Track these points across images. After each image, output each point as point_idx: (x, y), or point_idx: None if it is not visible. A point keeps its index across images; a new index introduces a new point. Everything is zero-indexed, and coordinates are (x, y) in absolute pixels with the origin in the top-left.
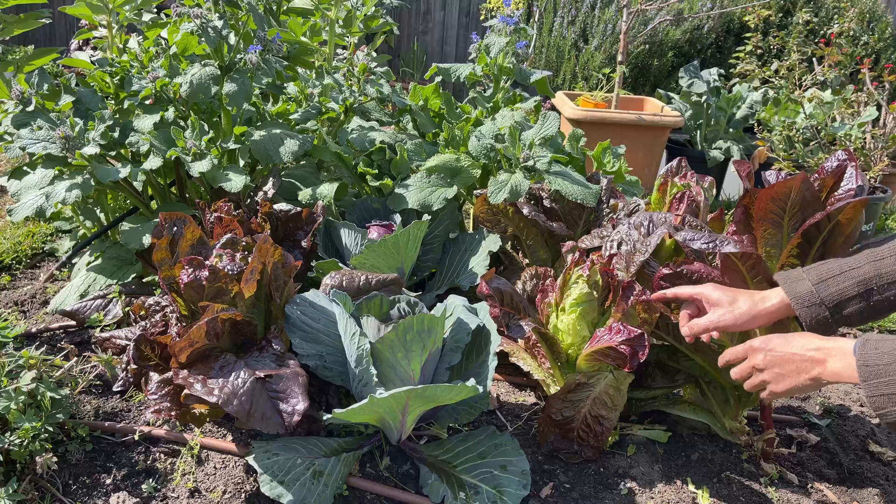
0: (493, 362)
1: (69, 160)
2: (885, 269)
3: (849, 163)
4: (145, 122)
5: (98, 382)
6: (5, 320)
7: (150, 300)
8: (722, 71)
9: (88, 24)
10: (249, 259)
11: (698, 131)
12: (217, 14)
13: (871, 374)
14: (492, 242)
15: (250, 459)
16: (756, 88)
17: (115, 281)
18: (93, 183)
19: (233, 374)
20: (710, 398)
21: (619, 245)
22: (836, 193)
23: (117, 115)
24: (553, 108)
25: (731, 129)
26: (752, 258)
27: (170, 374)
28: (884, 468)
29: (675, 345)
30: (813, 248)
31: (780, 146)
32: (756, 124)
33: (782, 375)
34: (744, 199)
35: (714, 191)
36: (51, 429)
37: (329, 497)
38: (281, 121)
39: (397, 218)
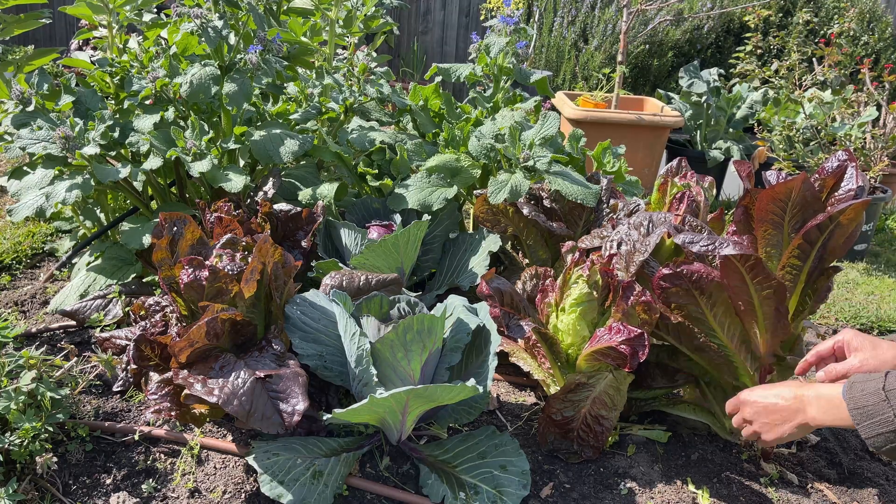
0: (493, 362)
1: (69, 160)
2: None
3: (849, 163)
4: (145, 122)
5: (98, 382)
6: (5, 320)
7: (150, 300)
8: (722, 71)
9: (88, 24)
10: (249, 259)
11: (698, 131)
12: (217, 14)
13: (863, 415)
14: (492, 242)
15: (250, 459)
16: (756, 88)
17: (115, 281)
18: (93, 183)
19: (233, 374)
20: (710, 398)
21: (619, 245)
22: (836, 194)
23: (117, 115)
24: (553, 108)
25: (731, 129)
26: (751, 259)
27: (170, 374)
28: (884, 468)
29: (676, 345)
30: (814, 249)
31: (780, 146)
32: (756, 124)
33: (769, 425)
34: (744, 200)
35: (714, 191)
36: (51, 429)
37: (329, 497)
38: (281, 121)
39: (397, 218)
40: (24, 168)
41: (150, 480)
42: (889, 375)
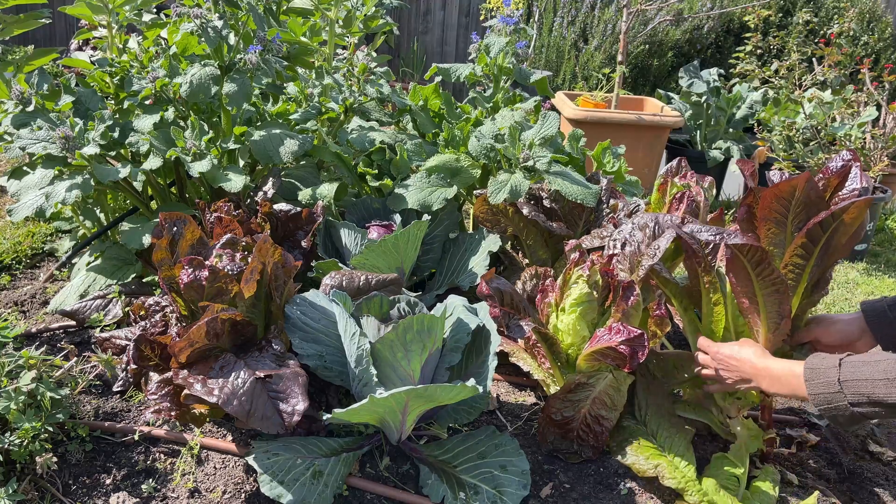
0: (493, 362)
1: (69, 160)
2: None
3: (853, 163)
4: (145, 122)
5: (98, 382)
6: (5, 320)
7: (150, 300)
8: (722, 71)
9: (88, 24)
10: (249, 259)
11: (698, 131)
12: (217, 14)
13: (824, 400)
14: (492, 242)
15: (250, 459)
16: (756, 88)
17: (115, 281)
18: (93, 183)
19: (233, 374)
20: (710, 398)
21: (623, 245)
22: (840, 193)
23: (117, 115)
24: (553, 108)
25: (731, 129)
26: (757, 253)
27: (170, 374)
28: (884, 468)
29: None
30: (817, 247)
31: (780, 146)
32: (756, 124)
33: (728, 380)
34: (747, 199)
35: (714, 191)
36: (51, 429)
37: (329, 497)
38: (281, 121)
39: (397, 218)
40: (24, 168)
41: (150, 480)
42: (843, 366)
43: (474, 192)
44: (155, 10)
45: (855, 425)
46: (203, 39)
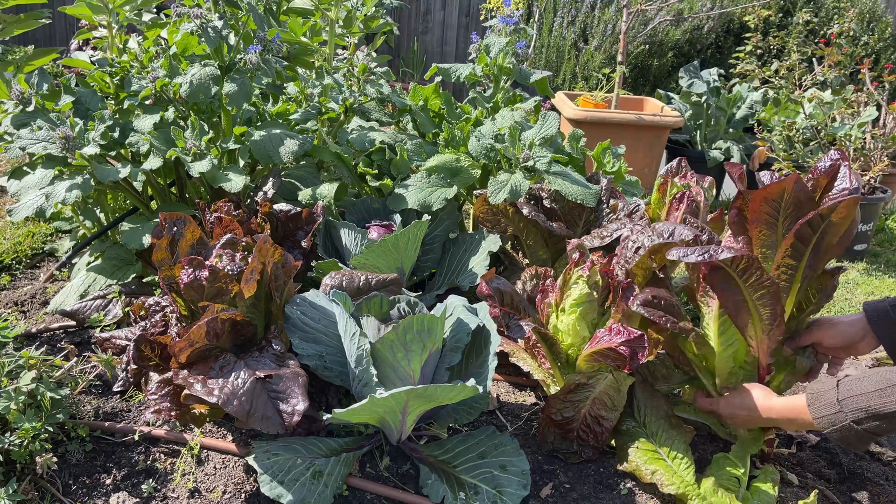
0: (493, 362)
1: (69, 160)
2: None
3: (842, 162)
4: (145, 122)
5: (98, 382)
6: (5, 320)
7: (150, 300)
8: (722, 71)
9: (88, 24)
10: (249, 259)
11: (698, 131)
12: (217, 14)
13: (829, 423)
14: (492, 242)
15: (250, 459)
16: (756, 88)
17: (115, 281)
18: (93, 183)
19: (233, 374)
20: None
21: (637, 250)
22: (829, 193)
23: (117, 115)
24: (553, 108)
25: (731, 129)
26: (742, 261)
27: (170, 374)
28: (884, 468)
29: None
30: (807, 248)
31: (780, 146)
32: (756, 124)
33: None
34: (737, 202)
35: (714, 191)
36: (51, 429)
37: (329, 497)
38: (281, 121)
39: (397, 218)
40: (24, 168)
41: (150, 480)
42: (840, 385)
43: (474, 192)
44: (155, 10)
45: (865, 444)
46: (203, 39)
